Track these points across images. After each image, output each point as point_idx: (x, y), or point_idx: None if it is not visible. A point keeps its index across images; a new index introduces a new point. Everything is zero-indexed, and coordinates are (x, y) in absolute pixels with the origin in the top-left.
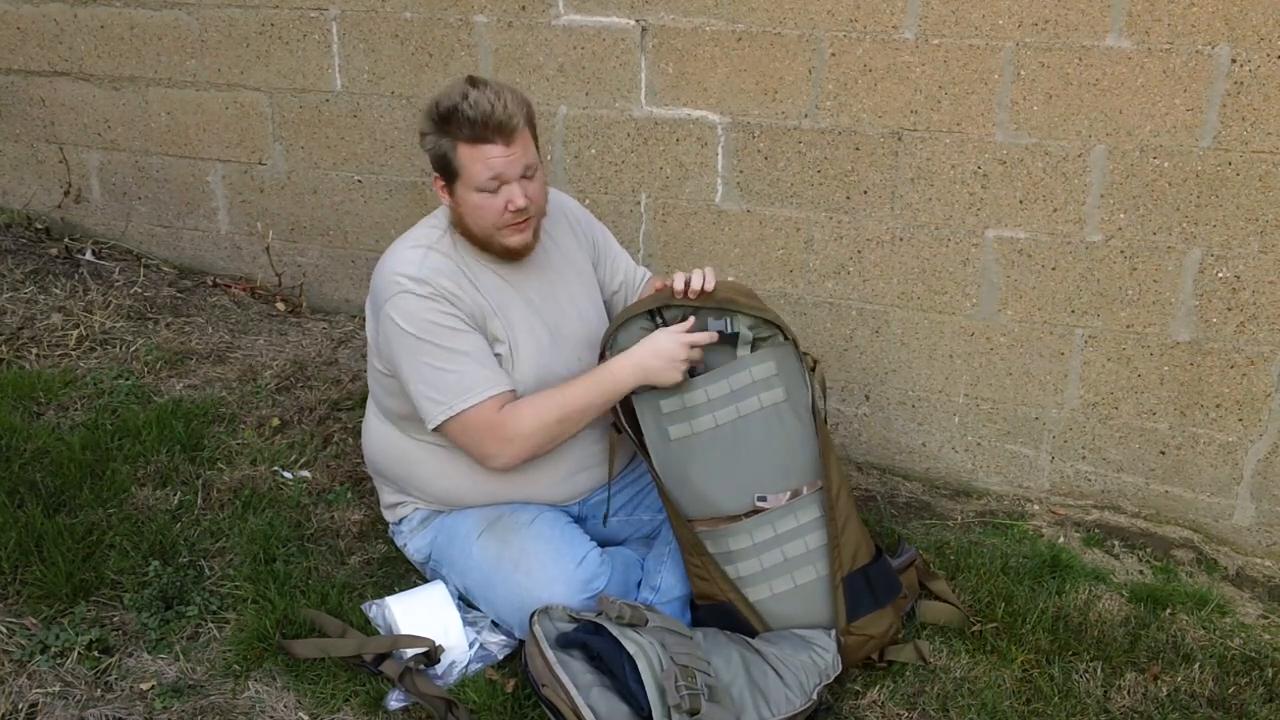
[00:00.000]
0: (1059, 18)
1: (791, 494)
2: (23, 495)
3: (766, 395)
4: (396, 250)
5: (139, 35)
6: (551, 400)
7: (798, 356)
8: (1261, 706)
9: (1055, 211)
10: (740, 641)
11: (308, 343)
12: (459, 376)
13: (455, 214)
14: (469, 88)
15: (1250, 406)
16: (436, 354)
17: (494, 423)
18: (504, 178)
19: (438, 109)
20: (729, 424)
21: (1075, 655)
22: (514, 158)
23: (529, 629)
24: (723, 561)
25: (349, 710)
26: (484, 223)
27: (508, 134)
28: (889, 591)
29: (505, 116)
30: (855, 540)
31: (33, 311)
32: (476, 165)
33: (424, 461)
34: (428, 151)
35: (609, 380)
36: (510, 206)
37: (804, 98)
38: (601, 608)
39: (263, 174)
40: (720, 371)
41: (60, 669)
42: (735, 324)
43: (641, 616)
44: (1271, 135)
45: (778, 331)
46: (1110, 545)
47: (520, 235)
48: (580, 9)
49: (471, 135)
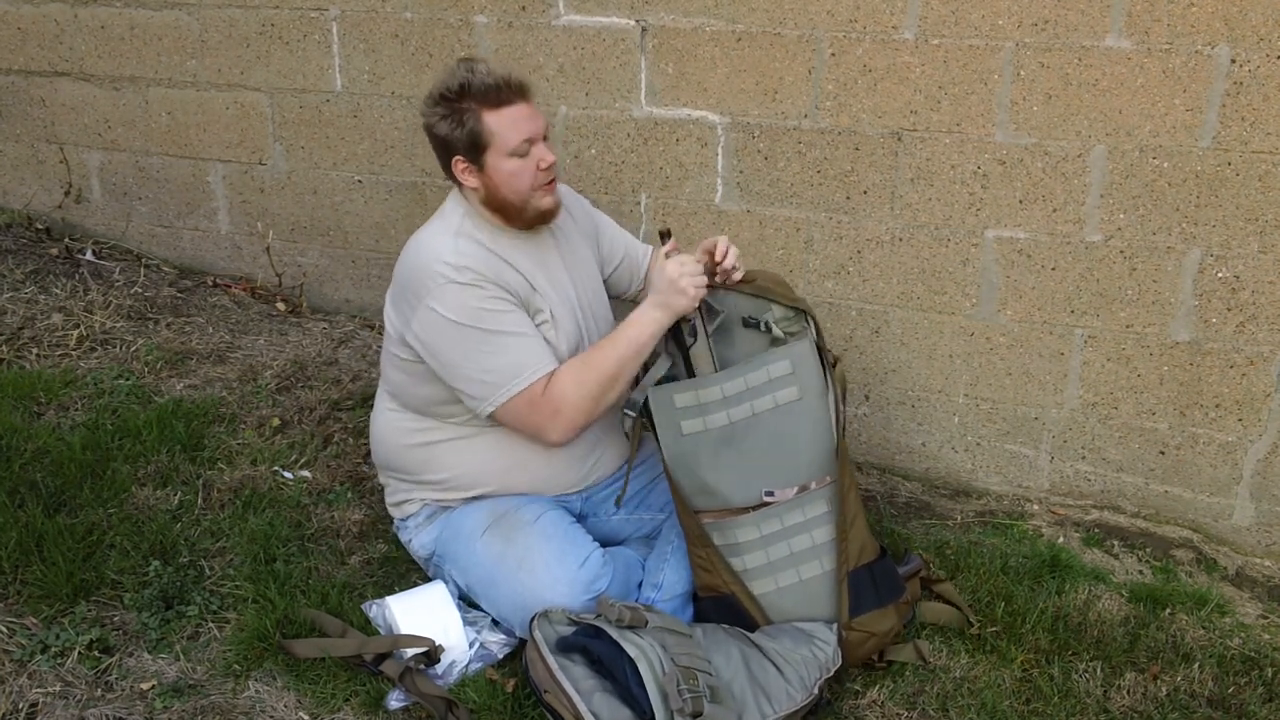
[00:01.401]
0: (1059, 18)
1: (799, 489)
2: (23, 495)
3: (781, 394)
4: (424, 241)
5: (139, 35)
6: (587, 365)
7: (819, 354)
8: (1261, 706)
9: (1055, 212)
10: (739, 637)
11: (308, 343)
12: (510, 359)
13: (487, 189)
14: (471, 62)
15: (1250, 406)
16: (485, 339)
17: (543, 400)
18: (534, 137)
19: (449, 89)
20: (742, 421)
21: (1075, 655)
22: (535, 114)
23: (529, 634)
24: (728, 554)
25: (349, 710)
26: (521, 187)
27: (525, 92)
28: (892, 592)
29: (518, 77)
30: (861, 537)
31: (33, 311)
32: (508, 128)
33: (443, 445)
34: (444, 135)
35: (635, 330)
36: (542, 165)
37: (804, 98)
38: (601, 610)
39: (263, 174)
40: (738, 369)
41: (60, 669)
42: (766, 317)
43: (641, 618)
44: (1271, 135)
45: (805, 327)
46: (1110, 545)
47: (551, 196)
48: (580, 9)
49: (496, 100)
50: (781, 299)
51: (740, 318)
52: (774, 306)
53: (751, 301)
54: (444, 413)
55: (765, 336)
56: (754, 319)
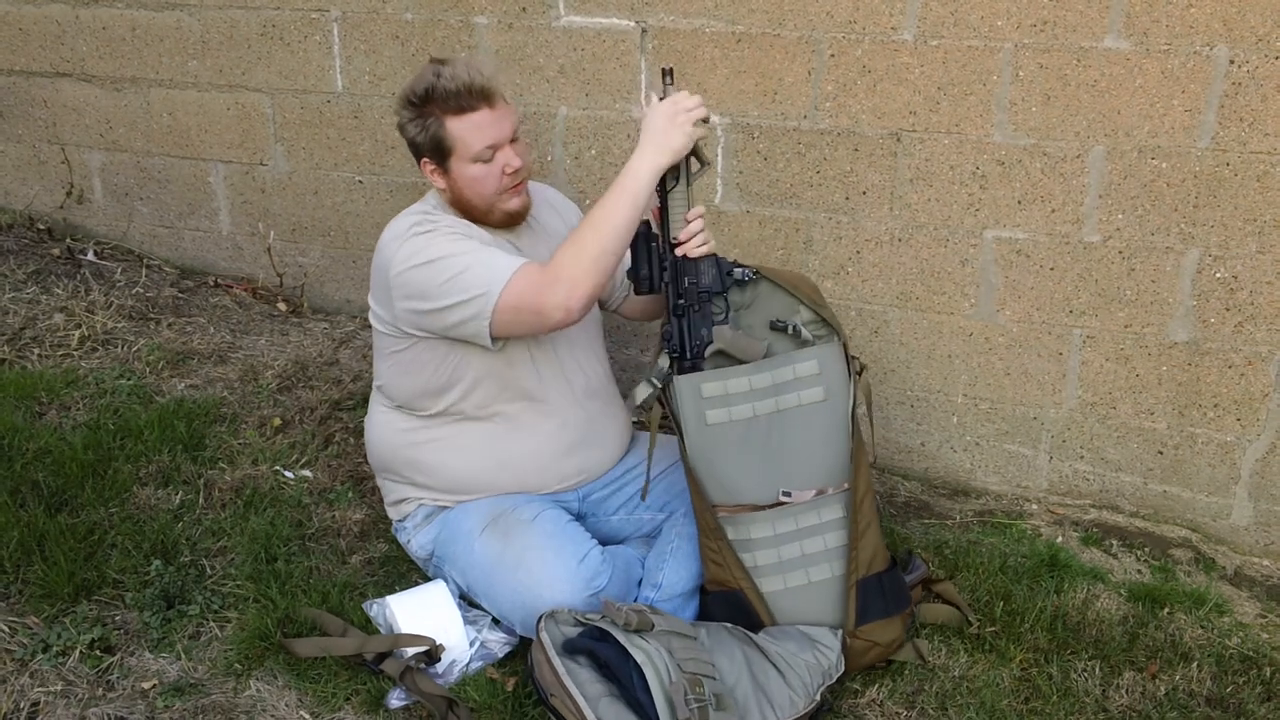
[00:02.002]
0: (1057, 19)
1: (817, 492)
2: (25, 495)
3: (806, 393)
4: (391, 226)
5: (141, 36)
6: (582, 230)
7: (845, 359)
8: (1259, 705)
9: (1054, 212)
10: (743, 638)
11: (309, 343)
12: (485, 266)
13: (453, 192)
14: (438, 65)
15: (1248, 406)
16: (455, 263)
17: (539, 279)
18: (498, 143)
19: (414, 93)
20: (766, 416)
21: (1073, 654)
22: (502, 118)
23: (535, 635)
24: (740, 549)
25: (350, 709)
26: (485, 191)
27: (490, 97)
28: (899, 603)
29: (484, 80)
30: (874, 546)
31: (35, 312)
32: (470, 134)
33: (432, 444)
34: (412, 138)
35: (630, 180)
36: (507, 170)
37: (803, 99)
38: (607, 613)
39: (264, 175)
40: (767, 363)
41: (62, 668)
42: (795, 320)
43: (647, 621)
44: (1269, 136)
45: (833, 332)
46: (1108, 544)
47: (518, 197)
48: (580, 10)
49: (457, 106)
50: (809, 303)
51: (769, 320)
52: (803, 309)
53: (782, 301)
54: (429, 406)
55: (793, 339)
56: (782, 322)
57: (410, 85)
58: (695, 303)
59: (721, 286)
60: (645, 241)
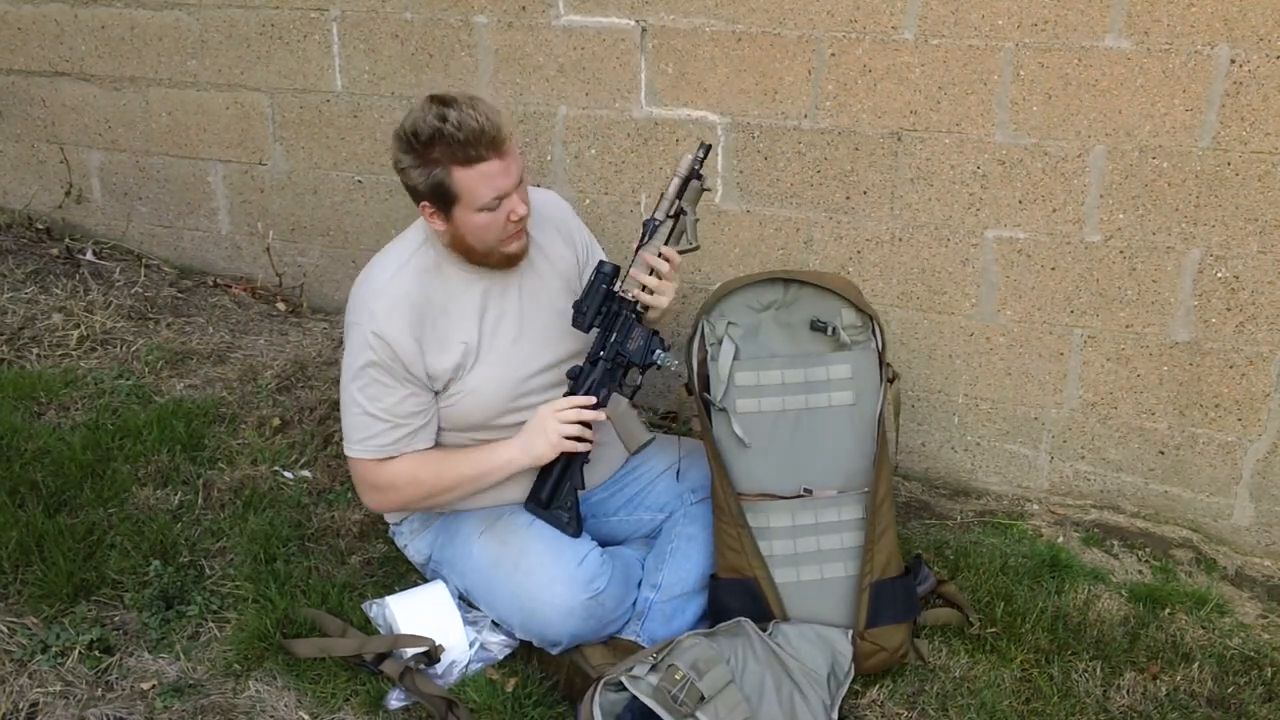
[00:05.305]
0: (1058, 18)
1: (838, 491)
2: (24, 495)
3: (837, 395)
4: (373, 265)
5: (139, 36)
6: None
7: (879, 365)
8: (1260, 706)
9: (1054, 212)
10: (766, 661)
11: (308, 342)
12: (356, 430)
13: (453, 236)
14: (443, 109)
15: (1249, 406)
16: (350, 400)
17: (368, 477)
18: (506, 192)
19: (417, 138)
20: (794, 412)
21: (1074, 655)
22: (510, 166)
23: (589, 709)
24: (758, 536)
25: (349, 710)
26: (489, 239)
27: (499, 146)
28: (909, 610)
29: (494, 129)
30: (889, 551)
31: (34, 311)
32: (479, 186)
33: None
34: (414, 183)
35: (488, 463)
36: (513, 217)
37: (804, 98)
38: (662, 683)
39: (263, 174)
40: (801, 359)
41: (61, 668)
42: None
43: (695, 694)
44: (1270, 135)
45: (871, 338)
46: (1109, 545)
47: (519, 241)
48: (580, 9)
49: (465, 157)
50: (856, 301)
51: (810, 319)
52: (845, 311)
53: (825, 302)
54: None
55: (831, 340)
56: (823, 322)
57: (410, 127)
58: (610, 361)
59: (641, 361)
60: (606, 280)
